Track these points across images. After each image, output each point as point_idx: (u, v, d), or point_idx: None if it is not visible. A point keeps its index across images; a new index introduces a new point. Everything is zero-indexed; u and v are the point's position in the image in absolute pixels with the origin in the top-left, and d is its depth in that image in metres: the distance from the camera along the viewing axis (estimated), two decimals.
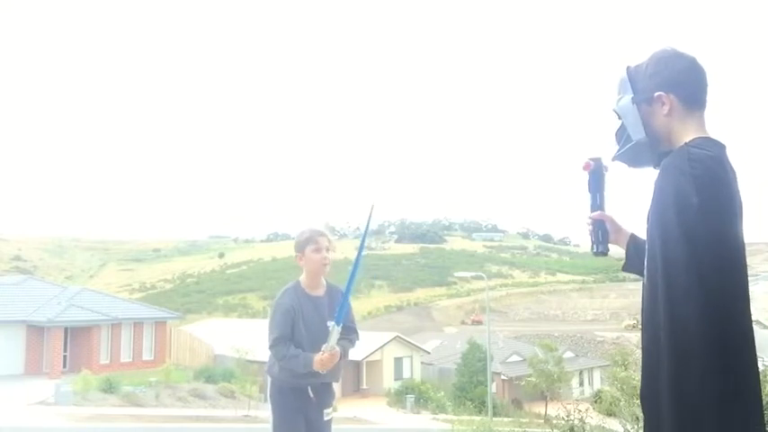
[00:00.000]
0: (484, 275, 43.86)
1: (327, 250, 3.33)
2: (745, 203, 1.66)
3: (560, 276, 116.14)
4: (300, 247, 3.35)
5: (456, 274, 71.49)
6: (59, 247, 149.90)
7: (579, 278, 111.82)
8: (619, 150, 1.89)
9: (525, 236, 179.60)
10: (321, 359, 3.09)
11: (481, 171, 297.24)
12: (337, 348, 3.13)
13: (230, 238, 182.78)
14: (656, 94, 1.75)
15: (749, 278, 1.66)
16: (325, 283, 3.40)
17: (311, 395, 3.27)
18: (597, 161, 2.00)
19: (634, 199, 1.89)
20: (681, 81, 1.75)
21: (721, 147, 1.69)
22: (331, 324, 3.13)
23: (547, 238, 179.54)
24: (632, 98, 1.80)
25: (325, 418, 3.34)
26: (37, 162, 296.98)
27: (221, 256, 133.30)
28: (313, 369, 3.12)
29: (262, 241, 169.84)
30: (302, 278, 3.40)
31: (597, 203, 1.99)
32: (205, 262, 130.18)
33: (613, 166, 1.94)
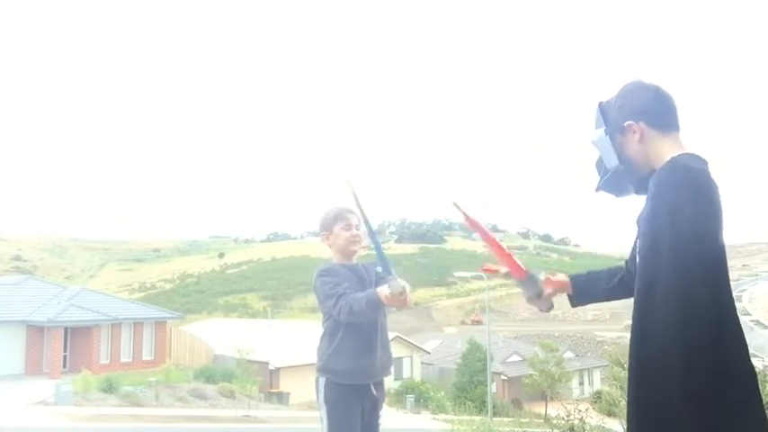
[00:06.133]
0: (484, 275, 43.69)
1: (357, 228, 2.96)
2: (740, 206, 1.70)
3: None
4: (328, 226, 3.00)
5: (456, 274, 71.46)
6: (59, 247, 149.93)
7: None
8: (600, 181, 1.99)
9: (525, 236, 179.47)
10: (388, 295, 2.59)
11: (481, 171, 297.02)
12: (403, 283, 2.59)
13: (230, 238, 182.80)
14: (627, 123, 1.84)
15: (749, 278, 1.67)
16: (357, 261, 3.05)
17: (374, 392, 2.89)
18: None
19: (629, 202, 1.93)
20: (647, 108, 1.83)
21: (704, 162, 1.75)
22: (390, 277, 2.63)
23: (547, 238, 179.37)
24: (605, 130, 1.91)
25: (378, 421, 2.99)
26: (37, 162, 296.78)
27: (221, 256, 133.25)
28: (380, 302, 2.64)
29: (262, 241, 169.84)
30: (333, 260, 3.04)
31: (533, 291, 2.41)
32: (205, 262, 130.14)
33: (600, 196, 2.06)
